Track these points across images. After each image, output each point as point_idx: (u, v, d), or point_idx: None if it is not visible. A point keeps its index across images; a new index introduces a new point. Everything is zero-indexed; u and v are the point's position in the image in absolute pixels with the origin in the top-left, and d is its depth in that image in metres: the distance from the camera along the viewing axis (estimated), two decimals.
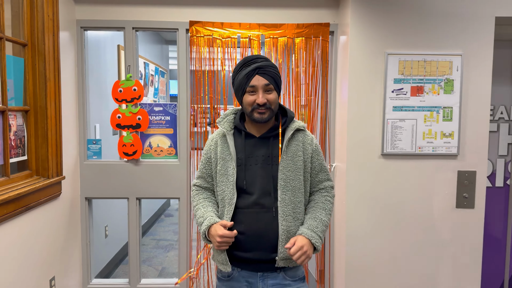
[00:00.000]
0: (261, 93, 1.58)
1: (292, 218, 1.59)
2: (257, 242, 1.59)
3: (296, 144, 1.64)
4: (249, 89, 1.59)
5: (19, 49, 2.35)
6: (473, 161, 2.61)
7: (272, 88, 1.60)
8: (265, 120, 1.60)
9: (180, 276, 3.00)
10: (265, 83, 1.58)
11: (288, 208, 1.58)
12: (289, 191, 1.59)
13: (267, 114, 1.60)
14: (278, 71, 1.67)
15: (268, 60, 1.63)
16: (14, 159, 2.26)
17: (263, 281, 1.61)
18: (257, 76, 1.58)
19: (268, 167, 1.61)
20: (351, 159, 2.60)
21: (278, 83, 1.64)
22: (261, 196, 1.59)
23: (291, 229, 1.59)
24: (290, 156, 1.62)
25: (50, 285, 2.48)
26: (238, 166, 1.63)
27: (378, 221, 2.63)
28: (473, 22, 2.54)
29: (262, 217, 1.58)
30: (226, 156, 1.66)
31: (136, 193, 2.91)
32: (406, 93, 2.56)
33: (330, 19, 2.84)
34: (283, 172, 1.59)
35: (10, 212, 2.03)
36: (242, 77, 1.60)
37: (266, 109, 1.59)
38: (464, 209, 2.64)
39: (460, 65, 2.55)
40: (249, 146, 1.64)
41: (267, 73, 1.58)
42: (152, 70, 5.35)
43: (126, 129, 2.84)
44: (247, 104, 1.61)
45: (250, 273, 1.62)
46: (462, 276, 2.66)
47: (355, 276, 2.64)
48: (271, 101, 1.59)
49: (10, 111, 2.21)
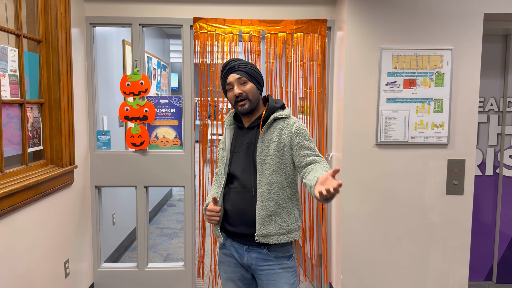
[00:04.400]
0: (236, 86, 1.81)
1: (266, 198, 1.75)
2: (240, 217, 1.81)
3: (272, 131, 1.80)
4: (228, 86, 1.85)
5: (34, 45, 2.49)
6: (462, 150, 2.76)
7: (246, 80, 1.81)
8: (247, 110, 1.82)
9: (186, 261, 3.16)
10: (238, 77, 1.81)
11: (263, 189, 1.76)
12: (265, 174, 1.77)
13: (247, 105, 1.81)
14: (253, 66, 1.86)
15: (240, 60, 1.86)
16: (31, 148, 2.42)
17: (248, 254, 1.81)
18: (231, 74, 1.83)
19: (250, 153, 1.82)
20: (347, 148, 2.76)
21: (252, 75, 1.83)
22: (243, 178, 1.82)
23: (266, 207, 1.75)
24: (266, 143, 1.79)
25: (64, 267, 2.64)
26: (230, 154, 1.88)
27: (373, 207, 2.79)
28: (463, 18, 2.69)
29: (244, 196, 1.80)
30: (224, 146, 1.93)
31: (143, 181, 3.06)
32: (399, 86, 2.70)
33: (328, 16, 2.98)
34: (260, 156, 1.78)
35: (30, 198, 2.19)
36: (221, 79, 1.89)
37: (244, 99, 1.80)
38: (453, 195, 2.80)
39: (450, 59, 2.70)
40: (239, 136, 1.89)
41: (238, 69, 1.82)
42: (154, 64, 5.48)
43: (133, 121, 2.99)
44: (230, 100, 1.86)
45: (239, 245, 1.84)
46: (451, 258, 2.83)
47: (350, 258, 2.81)
48: (247, 91, 1.80)
49: (27, 104, 2.36)
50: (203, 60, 2.99)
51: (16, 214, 2.11)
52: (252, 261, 1.80)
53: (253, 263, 1.80)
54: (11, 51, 2.21)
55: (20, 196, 2.10)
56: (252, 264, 1.81)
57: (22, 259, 2.17)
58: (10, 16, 2.30)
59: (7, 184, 2.06)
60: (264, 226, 1.75)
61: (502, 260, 3.37)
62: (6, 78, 2.16)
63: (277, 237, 1.76)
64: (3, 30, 2.16)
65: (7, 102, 2.16)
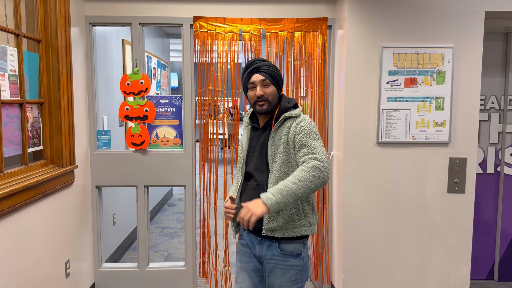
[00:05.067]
0: (259, 87, 1.86)
1: None
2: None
3: (282, 130, 1.85)
4: (250, 85, 1.89)
5: (34, 45, 2.48)
6: (463, 148, 2.76)
7: (269, 83, 1.87)
8: (265, 111, 1.87)
9: (187, 260, 3.15)
10: (262, 78, 1.86)
11: (271, 185, 1.83)
12: (274, 171, 1.83)
13: (266, 106, 1.87)
14: (277, 70, 1.91)
15: (266, 61, 1.90)
16: (31, 149, 2.41)
17: (260, 245, 1.89)
18: (256, 74, 1.87)
19: (263, 152, 1.89)
20: (348, 147, 2.75)
21: (276, 79, 1.89)
22: (257, 176, 1.90)
23: None
24: (276, 142, 1.85)
25: (65, 268, 2.64)
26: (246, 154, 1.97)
27: (374, 205, 2.78)
28: (464, 16, 2.68)
29: (257, 192, 1.83)
30: (242, 146, 2.01)
31: (144, 181, 3.05)
32: (400, 84, 2.69)
33: (328, 14, 2.97)
34: (271, 155, 1.86)
35: (31, 198, 2.18)
36: (244, 77, 1.92)
37: (264, 100, 1.86)
38: (455, 194, 2.79)
39: (451, 57, 2.69)
40: (255, 137, 1.96)
41: (264, 71, 1.86)
42: (154, 63, 5.47)
43: (134, 121, 2.98)
44: (250, 98, 1.90)
45: (254, 236, 1.93)
46: (453, 256, 2.82)
47: (352, 257, 2.81)
48: (268, 94, 1.86)
49: (27, 104, 2.35)
50: (204, 60, 2.98)
51: (16, 215, 2.10)
52: (262, 253, 1.88)
53: (262, 254, 1.88)
54: (11, 50, 2.20)
55: (20, 197, 2.09)
56: (262, 255, 1.89)
57: (22, 259, 2.16)
58: (10, 15, 2.28)
59: (7, 184, 2.05)
60: (271, 221, 1.82)
61: (504, 258, 3.36)
62: (5, 78, 2.15)
63: (284, 231, 1.82)
64: (2, 29, 2.15)
65: (6, 102, 2.15)
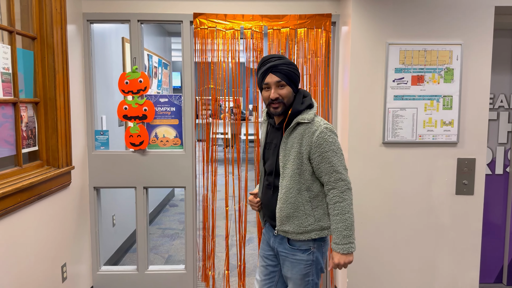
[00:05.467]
0: (274, 89, 1.77)
1: (284, 201, 1.80)
2: (267, 209, 1.95)
3: (294, 136, 1.78)
4: (264, 86, 1.80)
5: (29, 42, 2.41)
6: (472, 148, 2.67)
7: (284, 84, 1.77)
8: (278, 113, 1.80)
9: (187, 263, 3.08)
10: (277, 80, 1.76)
11: (283, 191, 1.81)
12: (285, 178, 1.80)
13: (280, 108, 1.79)
14: (294, 68, 1.80)
15: (282, 59, 1.79)
16: (25, 149, 2.34)
17: (275, 237, 1.93)
18: (270, 74, 1.77)
19: (275, 154, 1.86)
20: (352, 147, 2.67)
21: (292, 79, 1.79)
22: (269, 175, 1.90)
23: (284, 209, 1.81)
24: (289, 147, 1.79)
25: (62, 271, 2.57)
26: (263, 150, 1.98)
27: (379, 207, 2.70)
28: (473, 12, 2.58)
29: (268, 192, 1.91)
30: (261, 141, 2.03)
31: (143, 182, 2.98)
32: (406, 82, 2.61)
33: (332, 10, 2.88)
34: (282, 160, 1.81)
35: (24, 200, 2.11)
36: (259, 76, 1.83)
37: (279, 103, 1.78)
38: (463, 196, 2.70)
39: (460, 54, 2.60)
40: (271, 133, 1.93)
41: (279, 71, 1.76)
42: (155, 62, 5.40)
43: (132, 120, 2.91)
44: (264, 99, 1.83)
45: (271, 229, 1.97)
46: (461, 260, 2.73)
47: (356, 261, 2.72)
48: (283, 96, 1.78)
49: (21, 103, 2.28)
50: (204, 57, 2.90)
51: (9, 218, 2.03)
52: (275, 245, 1.92)
53: (275, 246, 1.93)
54: (4, 48, 2.12)
55: (13, 199, 2.01)
56: (275, 247, 1.93)
57: (16, 263, 2.09)
58: (3, 12, 2.21)
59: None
60: (283, 224, 1.84)
61: None
62: None
63: (295, 235, 1.83)
64: None
65: None
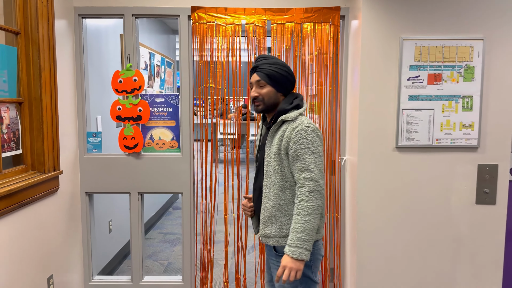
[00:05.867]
0: (254, 88, 1.87)
1: (268, 199, 1.83)
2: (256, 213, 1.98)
3: (278, 134, 1.81)
4: (250, 85, 1.91)
5: (12, 37, 2.24)
6: (494, 154, 2.43)
7: (264, 84, 1.83)
8: (259, 111, 1.88)
9: (184, 272, 2.90)
10: (257, 79, 1.84)
11: (267, 190, 1.84)
12: (269, 175, 1.83)
13: (261, 106, 1.86)
14: (280, 68, 1.83)
15: (268, 58, 1.86)
16: (7, 153, 2.16)
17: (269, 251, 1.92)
18: (254, 73, 1.87)
19: (262, 154, 1.91)
20: (363, 152, 2.45)
21: (273, 78, 1.82)
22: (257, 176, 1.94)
23: (267, 209, 1.83)
24: (272, 145, 1.83)
25: (48, 284, 2.39)
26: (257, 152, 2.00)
27: (392, 217, 2.48)
28: (496, 4, 2.35)
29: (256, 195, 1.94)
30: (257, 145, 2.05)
31: (138, 187, 2.80)
32: (422, 81, 2.39)
33: (341, 3, 2.67)
34: (266, 159, 1.86)
35: (3, 209, 1.93)
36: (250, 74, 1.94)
37: (259, 101, 1.85)
38: (484, 205, 2.47)
39: (481, 50, 2.37)
40: (264, 136, 1.95)
41: (261, 70, 1.83)
42: (158, 60, 5.23)
43: (126, 121, 2.73)
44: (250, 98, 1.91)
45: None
46: (482, 275, 2.50)
47: (367, 274, 2.51)
48: (263, 95, 1.84)
49: (1, 103, 2.10)
50: (203, 54, 2.71)
51: None
52: (267, 257, 1.95)
53: (267, 258, 1.95)
54: None
55: None
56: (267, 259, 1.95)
57: None
58: None
59: None
60: (266, 227, 1.84)
61: None
62: None
63: (276, 239, 1.81)
64: None
65: None
